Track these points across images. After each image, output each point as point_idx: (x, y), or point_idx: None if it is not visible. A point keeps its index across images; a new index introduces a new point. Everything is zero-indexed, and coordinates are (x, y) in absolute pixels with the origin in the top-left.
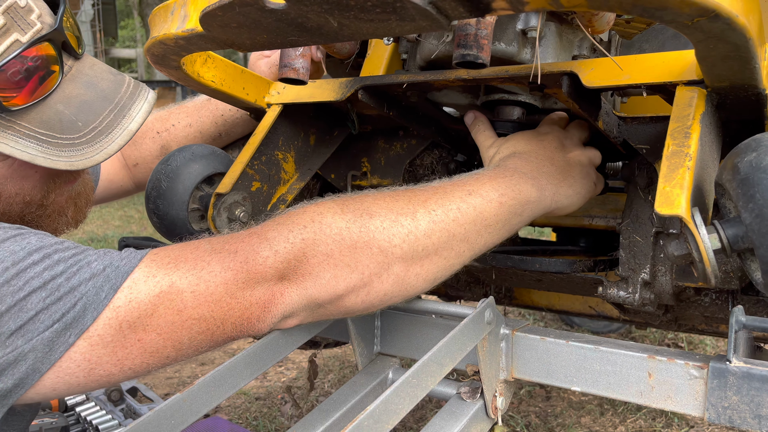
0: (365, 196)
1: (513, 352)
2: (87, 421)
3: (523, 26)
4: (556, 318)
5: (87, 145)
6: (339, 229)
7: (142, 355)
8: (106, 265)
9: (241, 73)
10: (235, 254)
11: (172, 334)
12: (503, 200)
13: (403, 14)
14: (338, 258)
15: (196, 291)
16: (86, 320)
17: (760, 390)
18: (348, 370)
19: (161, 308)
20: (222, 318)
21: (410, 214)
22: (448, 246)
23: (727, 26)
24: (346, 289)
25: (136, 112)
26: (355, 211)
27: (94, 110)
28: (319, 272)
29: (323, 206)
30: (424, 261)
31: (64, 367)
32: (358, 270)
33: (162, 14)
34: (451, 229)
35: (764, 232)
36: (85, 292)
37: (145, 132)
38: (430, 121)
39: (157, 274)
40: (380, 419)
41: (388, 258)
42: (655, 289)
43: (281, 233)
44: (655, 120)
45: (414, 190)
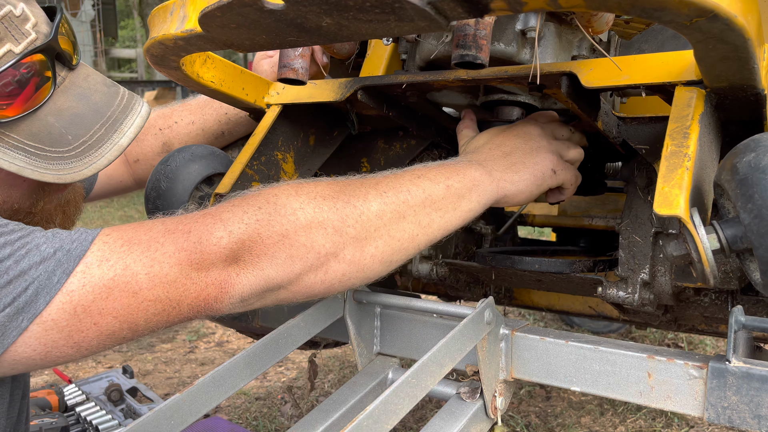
0: (319, 181)
1: (513, 352)
2: (87, 421)
3: (522, 27)
4: (556, 318)
5: (76, 159)
6: (293, 210)
7: (98, 338)
8: (56, 248)
9: (240, 74)
10: (188, 234)
11: (128, 317)
12: (450, 183)
13: (402, 15)
14: (293, 238)
15: (151, 273)
16: (39, 305)
17: (760, 390)
18: (348, 370)
19: (116, 291)
20: (178, 299)
21: (362, 196)
22: (399, 228)
23: (725, 26)
24: (302, 268)
25: (127, 127)
26: (309, 194)
27: (85, 124)
28: (275, 252)
29: (278, 189)
30: (377, 241)
31: (19, 351)
32: (314, 250)
33: (161, 15)
34: (402, 210)
35: (763, 232)
36: (36, 276)
37: (147, 129)
38: (430, 122)
39: (111, 257)
40: (380, 419)
41: (342, 237)
42: (654, 290)
43: (236, 214)
44: (654, 120)
45: (367, 177)
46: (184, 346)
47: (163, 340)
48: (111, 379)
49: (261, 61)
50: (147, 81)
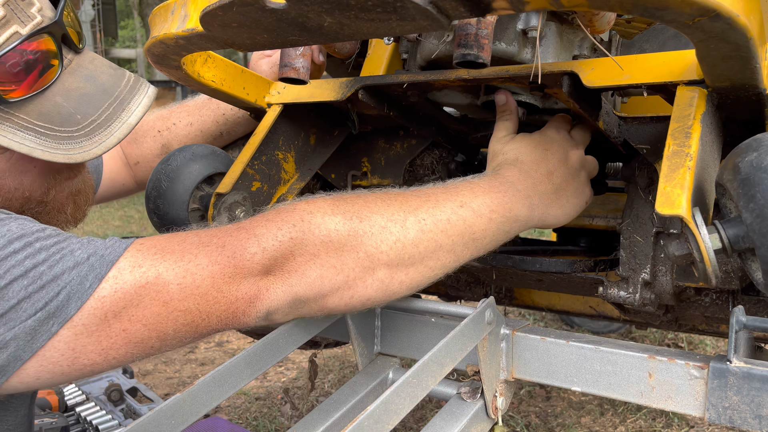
0: (357, 198)
1: (513, 352)
2: (87, 421)
3: (524, 26)
4: (557, 318)
5: (85, 138)
6: (328, 231)
7: (126, 345)
8: (90, 253)
9: (241, 73)
10: (222, 248)
11: (157, 326)
12: (493, 216)
13: (404, 14)
14: (325, 259)
15: (183, 283)
16: (70, 309)
17: (761, 390)
18: (348, 370)
19: (147, 299)
20: (208, 311)
21: (400, 221)
22: (434, 256)
23: (727, 26)
24: (330, 289)
25: (135, 106)
26: (345, 213)
27: (94, 103)
28: (305, 271)
29: (314, 205)
30: (409, 269)
31: (47, 356)
32: (344, 273)
33: (162, 14)
34: (439, 239)
35: (765, 232)
36: (68, 281)
37: (146, 131)
38: (431, 121)
39: (143, 264)
40: (380, 419)
41: (373, 263)
42: (655, 289)
43: (270, 230)
44: (655, 120)
45: (407, 195)
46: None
47: None
48: (111, 379)
49: (259, 61)
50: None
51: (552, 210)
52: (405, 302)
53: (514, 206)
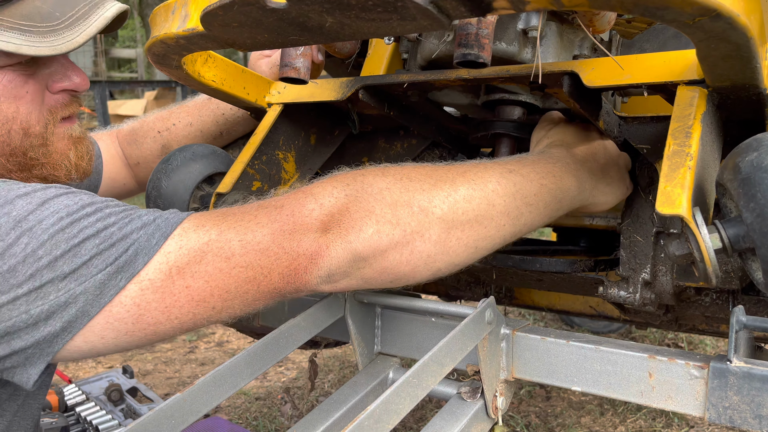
0: (404, 166)
1: (513, 352)
2: (87, 421)
3: (524, 26)
4: (557, 318)
5: (67, 29)
6: (380, 189)
7: (189, 303)
8: (156, 216)
9: (241, 73)
10: (281, 208)
11: (219, 282)
12: (544, 182)
13: (405, 13)
14: (380, 214)
15: (244, 240)
16: (137, 264)
17: (761, 390)
18: (348, 370)
19: (210, 255)
20: (269, 267)
21: (449, 180)
22: (488, 215)
23: (728, 26)
24: (389, 244)
25: (111, 4)
26: (395, 175)
27: (70, 4)
28: (362, 226)
29: (365, 170)
30: (464, 226)
31: (114, 312)
32: (400, 227)
33: (163, 14)
34: (491, 198)
35: (765, 231)
36: (136, 238)
37: (146, 132)
38: (431, 121)
39: (207, 224)
40: (380, 419)
41: (428, 217)
42: (655, 289)
43: (326, 189)
44: (656, 120)
45: (452, 164)
46: (184, 346)
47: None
48: (111, 379)
49: (258, 62)
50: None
51: (600, 187)
52: (405, 302)
53: (564, 177)
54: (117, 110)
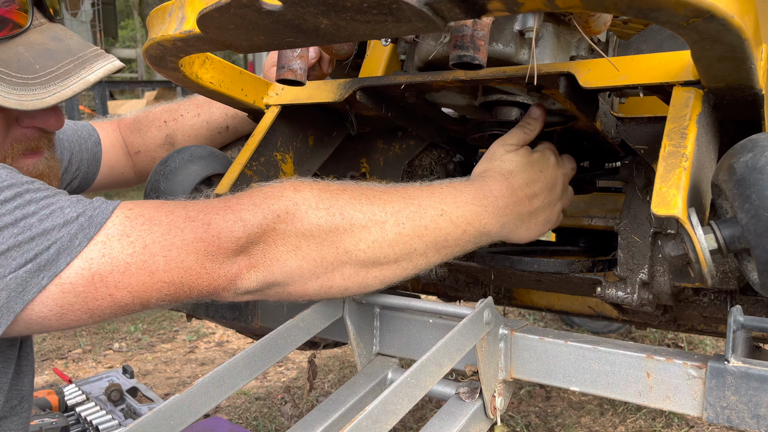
0: (343, 191)
1: (512, 353)
2: (87, 421)
3: (521, 27)
4: (556, 318)
5: (40, 86)
6: (311, 225)
7: (111, 308)
8: (79, 213)
9: (239, 75)
10: (208, 226)
11: (142, 294)
12: (468, 229)
13: (399, 16)
14: (305, 251)
15: (168, 257)
16: (60, 264)
17: (759, 390)
18: (348, 370)
19: (134, 268)
20: (190, 285)
21: (380, 223)
22: (407, 258)
23: (722, 27)
24: (309, 276)
25: (98, 67)
26: (329, 209)
27: (55, 57)
28: (286, 261)
29: (301, 195)
30: (383, 267)
31: (36, 311)
32: (322, 266)
33: (160, 16)
34: (415, 244)
35: (760, 232)
36: (59, 237)
37: (151, 121)
38: (429, 122)
39: (132, 234)
40: (379, 419)
41: (351, 259)
42: (653, 290)
43: (256, 216)
44: (653, 120)
45: (392, 194)
46: (184, 346)
47: (163, 340)
48: (111, 379)
49: (272, 69)
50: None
51: (519, 231)
52: (404, 302)
53: (489, 222)
54: (117, 110)
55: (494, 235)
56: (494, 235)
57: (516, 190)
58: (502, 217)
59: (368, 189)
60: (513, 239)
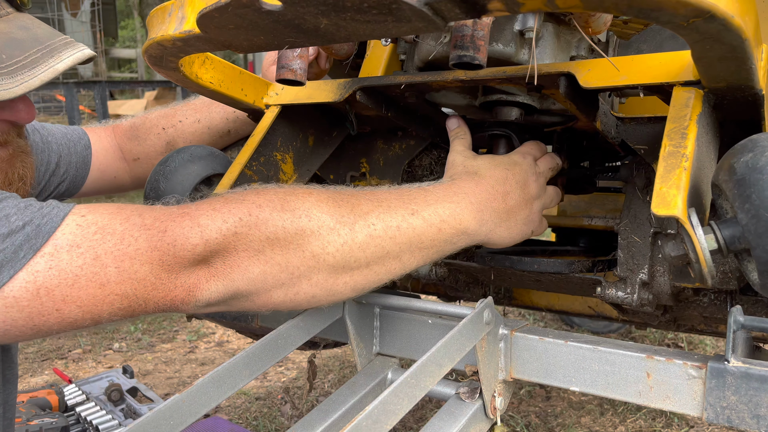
0: (309, 194)
1: (512, 353)
2: (87, 421)
3: (521, 27)
4: (556, 318)
5: (7, 76)
6: (275, 228)
7: (59, 324)
8: (26, 221)
9: (239, 75)
10: (163, 234)
11: (92, 308)
12: (443, 227)
13: (399, 15)
14: (269, 256)
15: (121, 267)
16: (2, 278)
17: (759, 390)
18: (348, 370)
19: (83, 280)
20: (145, 297)
21: (349, 224)
22: (380, 261)
23: (722, 27)
24: (273, 284)
25: (67, 56)
26: (294, 211)
27: (21, 47)
28: (248, 267)
29: (264, 197)
30: (354, 272)
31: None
32: (288, 271)
33: (159, 16)
34: (387, 246)
35: (760, 232)
36: (2, 248)
37: (149, 128)
38: (429, 122)
39: (82, 244)
40: (379, 419)
41: (319, 264)
42: (653, 290)
43: (215, 221)
44: (653, 120)
45: (360, 196)
46: (184, 346)
47: (163, 340)
48: (111, 379)
49: (271, 67)
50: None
51: (499, 230)
52: (404, 302)
53: (465, 218)
54: (117, 110)
55: (473, 233)
56: (473, 233)
57: (487, 187)
58: (478, 213)
59: (336, 192)
60: (495, 240)
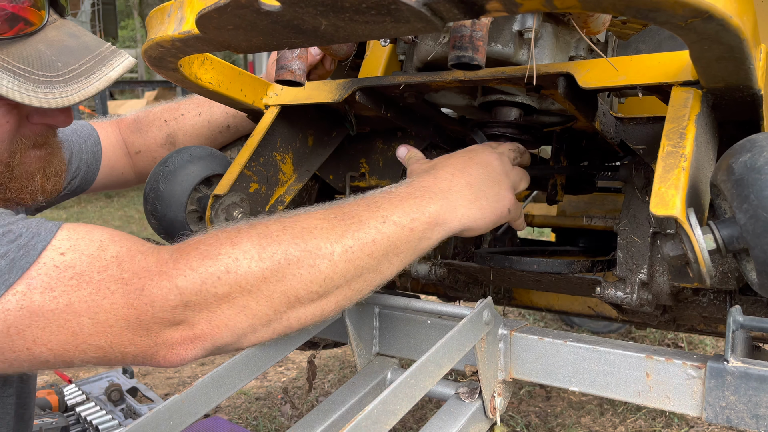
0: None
1: (511, 353)
2: (87, 421)
3: (520, 27)
4: (556, 318)
5: (64, 84)
6: (255, 281)
7: (30, 362)
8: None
9: (238, 75)
10: (141, 292)
11: (63, 354)
12: (414, 225)
13: (398, 16)
14: (255, 308)
15: (95, 319)
16: None
17: (758, 390)
18: (348, 371)
19: (54, 325)
20: (122, 351)
21: (328, 255)
22: (360, 279)
23: (720, 27)
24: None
25: (117, 64)
26: (272, 257)
27: (75, 55)
28: (235, 324)
29: (239, 249)
30: (336, 294)
31: None
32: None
33: (159, 16)
34: (365, 263)
35: (759, 232)
36: None
37: (151, 121)
38: (428, 122)
39: (56, 288)
40: (378, 420)
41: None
42: (652, 290)
43: (193, 283)
44: (652, 120)
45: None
46: None
47: None
48: (111, 379)
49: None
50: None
51: (471, 212)
52: (403, 302)
53: (432, 209)
54: (117, 110)
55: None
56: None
57: (447, 175)
58: (444, 200)
59: (308, 220)
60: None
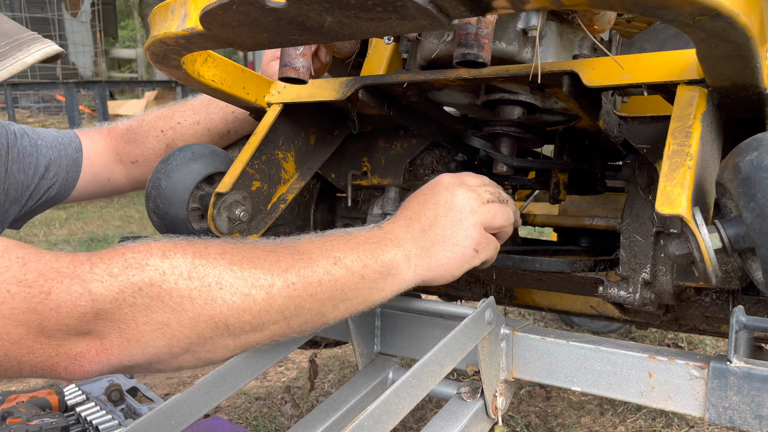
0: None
1: (513, 352)
2: (87, 421)
3: (524, 25)
4: (556, 318)
5: None
6: (180, 299)
7: None
8: None
9: (241, 73)
10: (47, 296)
11: None
12: (365, 273)
13: (404, 13)
14: (176, 329)
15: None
16: None
17: (761, 390)
18: (348, 370)
19: None
20: (19, 360)
21: (266, 287)
22: (299, 317)
23: (728, 25)
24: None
25: (35, 50)
26: (203, 279)
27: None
28: (150, 341)
29: (169, 263)
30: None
31: None
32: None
33: (162, 13)
34: (307, 304)
35: (765, 231)
36: None
37: (147, 131)
38: (431, 121)
39: None
40: (380, 419)
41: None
42: (655, 289)
43: (109, 289)
44: (656, 119)
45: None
46: None
47: None
48: (111, 379)
49: (270, 63)
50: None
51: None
52: (405, 302)
53: (387, 257)
54: (117, 110)
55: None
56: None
57: (405, 219)
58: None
59: (253, 249)
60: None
